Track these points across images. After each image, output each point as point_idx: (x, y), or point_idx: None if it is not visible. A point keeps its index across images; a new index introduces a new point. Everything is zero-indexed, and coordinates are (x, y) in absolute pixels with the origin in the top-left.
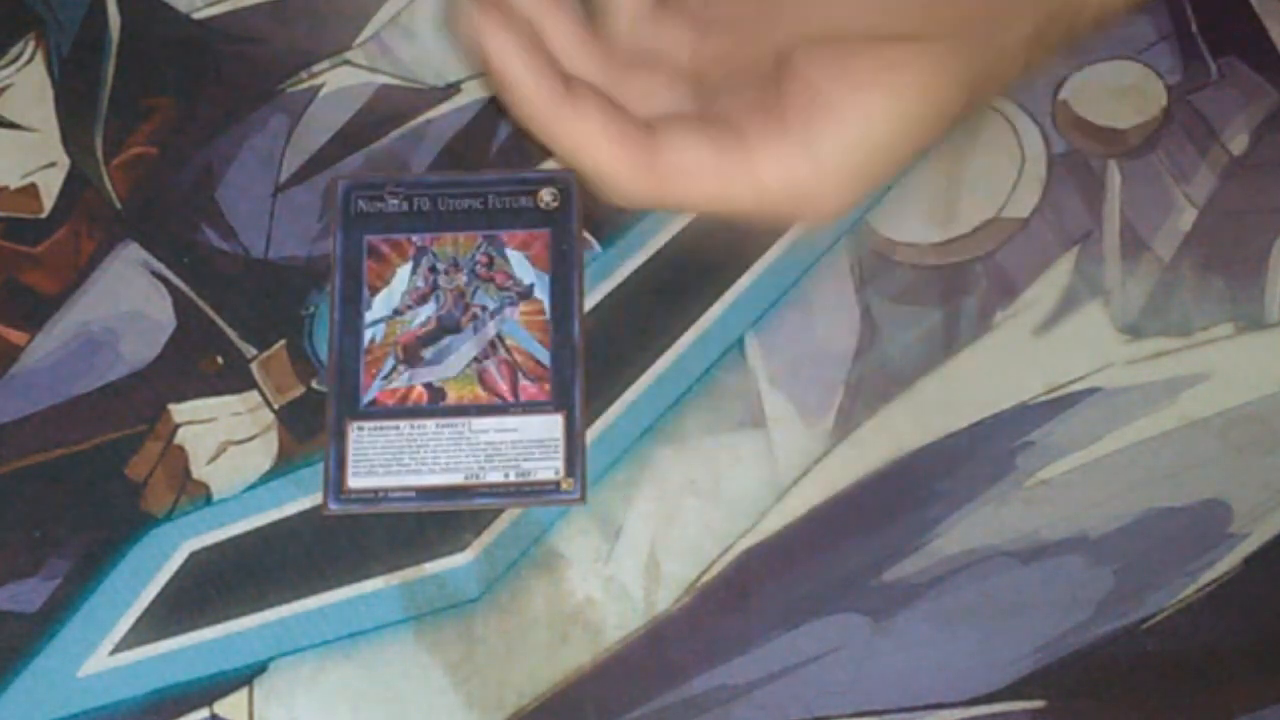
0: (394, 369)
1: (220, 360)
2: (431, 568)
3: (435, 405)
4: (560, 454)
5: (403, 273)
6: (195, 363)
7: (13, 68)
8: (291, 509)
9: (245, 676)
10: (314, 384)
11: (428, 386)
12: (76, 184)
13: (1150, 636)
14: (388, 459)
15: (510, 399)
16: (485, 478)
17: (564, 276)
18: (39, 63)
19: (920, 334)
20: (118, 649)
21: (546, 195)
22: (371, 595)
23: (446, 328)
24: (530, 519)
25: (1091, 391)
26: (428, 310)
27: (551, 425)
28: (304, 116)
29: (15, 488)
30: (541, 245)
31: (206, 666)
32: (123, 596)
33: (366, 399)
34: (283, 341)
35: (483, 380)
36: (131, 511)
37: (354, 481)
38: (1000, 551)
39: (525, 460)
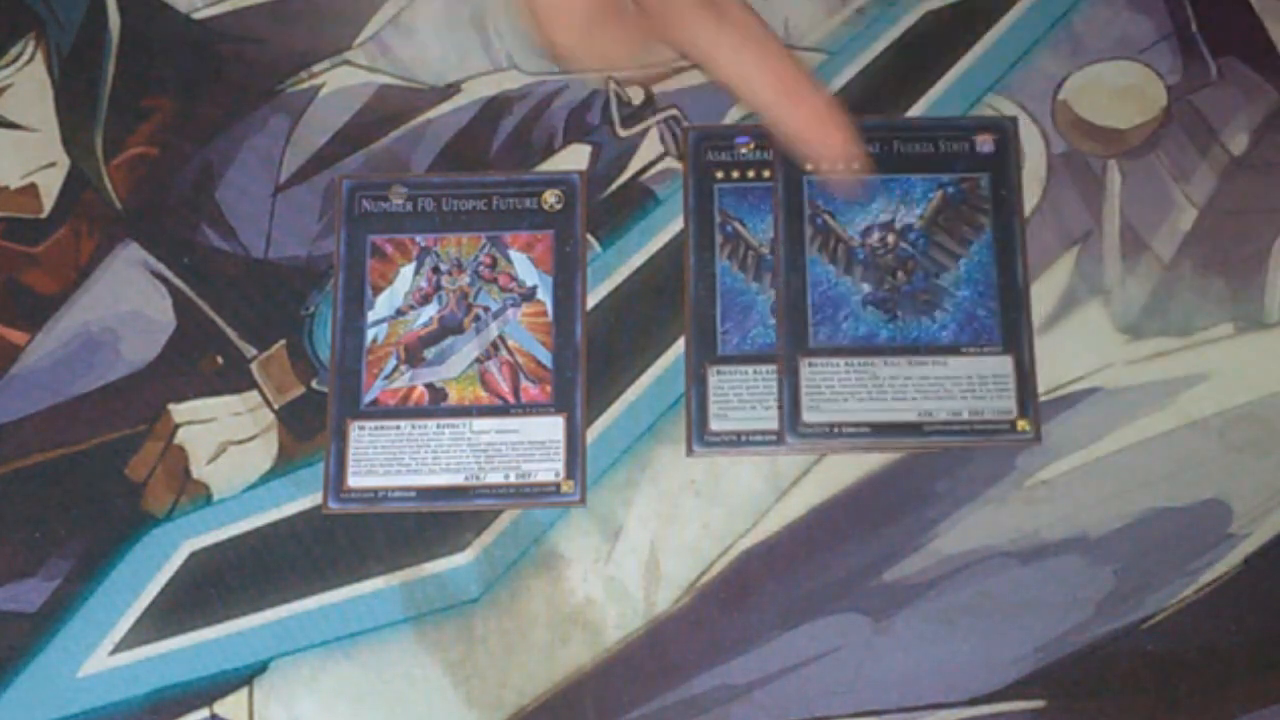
0: (396, 369)
1: (220, 360)
2: (431, 568)
3: (436, 405)
4: (561, 456)
5: (405, 273)
6: (195, 363)
7: (13, 68)
8: (291, 509)
9: (245, 676)
10: (314, 384)
11: (429, 387)
12: (76, 184)
13: (1150, 636)
14: (388, 459)
15: (511, 400)
16: (485, 478)
17: (567, 278)
18: (39, 63)
19: None
20: (118, 649)
21: (550, 197)
22: (371, 595)
23: (449, 328)
24: (530, 519)
25: (1091, 391)
26: (430, 310)
27: (552, 427)
28: (304, 116)
29: (15, 488)
30: (545, 247)
31: (206, 666)
32: (123, 596)
33: (368, 399)
34: (283, 341)
35: (484, 381)
36: (131, 511)
37: (354, 481)
38: (1000, 551)
39: (526, 461)
